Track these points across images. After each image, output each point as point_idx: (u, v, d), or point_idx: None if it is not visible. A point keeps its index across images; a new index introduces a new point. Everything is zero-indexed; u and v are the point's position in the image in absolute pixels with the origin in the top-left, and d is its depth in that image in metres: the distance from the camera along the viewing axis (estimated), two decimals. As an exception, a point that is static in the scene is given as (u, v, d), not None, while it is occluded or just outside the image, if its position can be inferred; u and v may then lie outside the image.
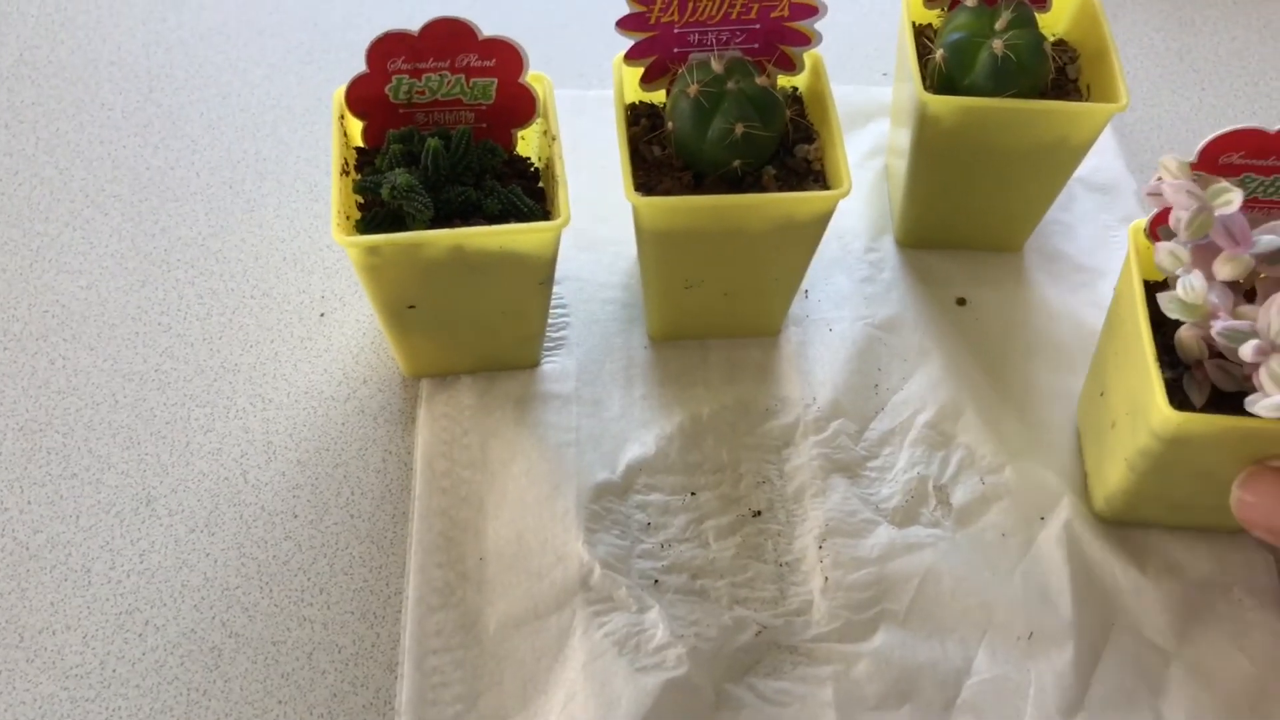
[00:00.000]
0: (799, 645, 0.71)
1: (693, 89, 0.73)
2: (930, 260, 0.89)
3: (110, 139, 0.95)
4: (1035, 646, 0.71)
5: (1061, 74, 0.81)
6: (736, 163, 0.74)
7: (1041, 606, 0.73)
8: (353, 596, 0.73)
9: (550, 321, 0.85)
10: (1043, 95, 0.79)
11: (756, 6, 0.75)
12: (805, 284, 0.87)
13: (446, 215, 0.73)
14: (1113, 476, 0.71)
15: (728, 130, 0.73)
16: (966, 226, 0.88)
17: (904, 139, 0.84)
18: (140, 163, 0.94)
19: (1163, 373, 0.65)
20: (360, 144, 0.77)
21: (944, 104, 0.76)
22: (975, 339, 0.85)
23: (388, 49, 0.73)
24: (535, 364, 0.83)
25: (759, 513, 0.76)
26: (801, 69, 0.79)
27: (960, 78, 0.77)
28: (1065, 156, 0.79)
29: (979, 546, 0.75)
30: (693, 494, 0.77)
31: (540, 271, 0.74)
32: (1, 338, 0.83)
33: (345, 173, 0.74)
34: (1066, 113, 0.76)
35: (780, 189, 0.75)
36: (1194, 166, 0.66)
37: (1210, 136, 0.66)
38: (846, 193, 0.73)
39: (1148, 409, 0.64)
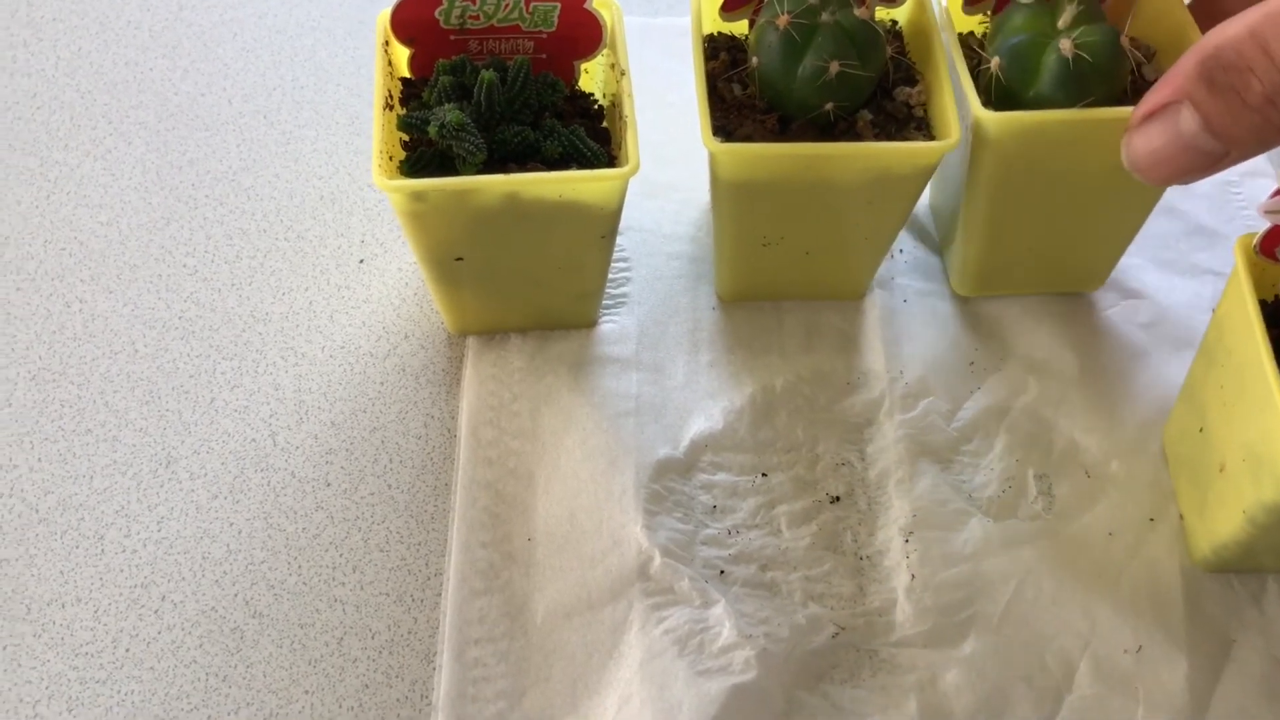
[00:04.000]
0: (880, 650, 0.64)
1: (782, 20, 0.64)
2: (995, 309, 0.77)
3: (136, 60, 0.88)
4: (1144, 662, 0.64)
5: (1138, 76, 0.67)
6: (829, 106, 0.65)
7: (1152, 617, 0.65)
8: (388, 576, 0.66)
9: (610, 277, 0.77)
10: (1121, 102, 0.66)
11: (857, -72, 0.66)
12: (896, 243, 0.78)
13: (500, 158, 0.65)
14: (1224, 528, 0.63)
15: (821, 68, 0.64)
16: (1037, 269, 0.75)
17: (952, 184, 0.73)
18: (168, 87, 0.86)
19: None
20: (407, 74, 0.69)
21: (1008, 123, 0.63)
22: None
23: (439, -34, 0.65)
24: (592, 323, 0.75)
25: (837, 499, 0.69)
26: (904, 0, 0.69)
27: (1023, 89, 0.64)
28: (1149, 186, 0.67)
29: (1083, 547, 0.67)
30: (764, 475, 0.69)
31: (603, 224, 0.66)
32: (15, 276, 0.76)
33: (389, 107, 0.66)
34: None
35: (878, 137, 0.66)
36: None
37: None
38: (955, 144, 0.64)
39: (1275, 460, 0.56)
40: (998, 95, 0.66)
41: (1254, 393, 0.58)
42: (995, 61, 0.65)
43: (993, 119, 0.64)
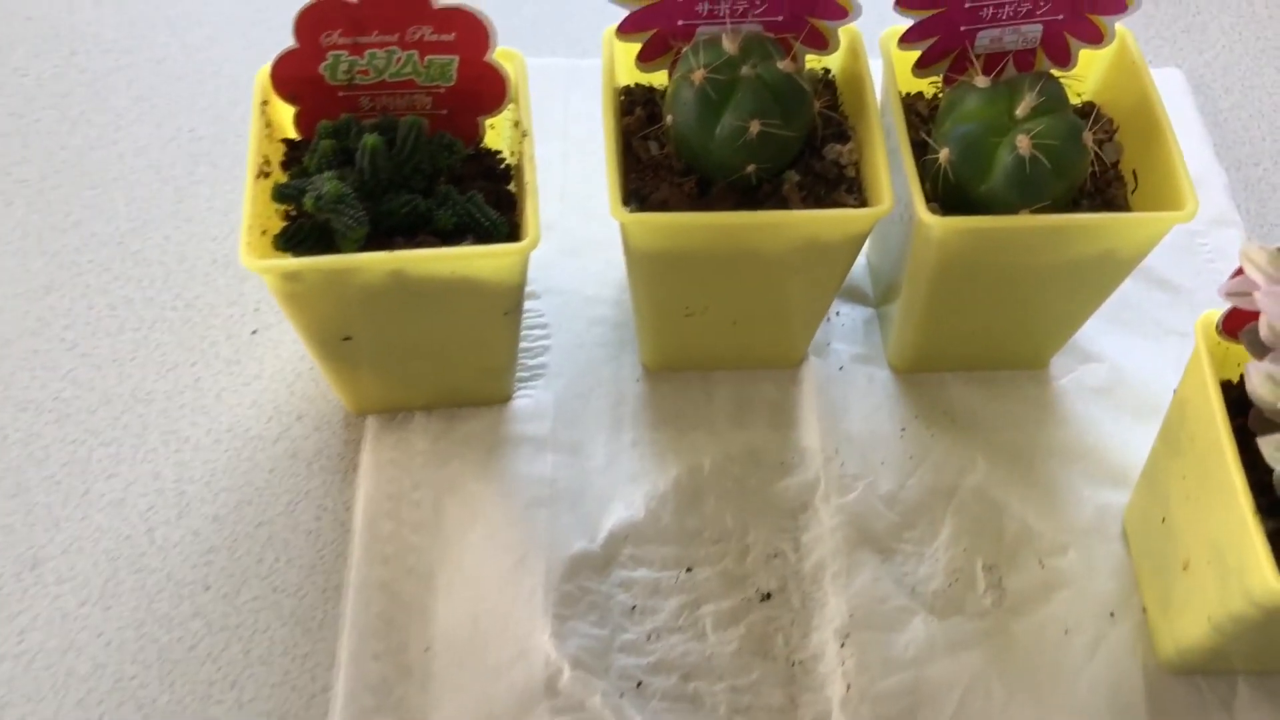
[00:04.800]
0: (812, 770, 0.58)
1: (697, 75, 0.58)
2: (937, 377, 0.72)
3: (22, 111, 0.82)
4: (1105, 775, 0.58)
5: (1097, 160, 0.62)
6: (751, 168, 0.59)
7: (1113, 724, 0.59)
8: (270, 693, 0.60)
9: (525, 346, 0.71)
10: (1080, 193, 0.61)
11: (781, -30, 0.60)
12: (831, 305, 0.73)
13: (387, 230, 0.59)
14: (1190, 630, 0.57)
15: (741, 128, 0.58)
16: (980, 350, 0.70)
17: (892, 250, 0.67)
18: (55, 141, 0.80)
19: (1261, 521, 0.50)
20: (294, 135, 0.63)
21: (955, 227, 0.58)
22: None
23: (321, 19, 0.59)
24: (506, 399, 0.69)
25: (768, 595, 0.63)
26: (836, 47, 0.64)
27: (973, 184, 0.59)
28: (1112, 270, 0.63)
29: (1037, 646, 0.61)
30: (689, 570, 0.63)
31: (505, 300, 0.60)
32: (-126, 354, 0.70)
33: (265, 174, 0.60)
34: (1114, 226, 0.59)
35: (805, 200, 0.60)
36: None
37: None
38: (888, 211, 0.58)
39: (1243, 570, 0.50)
40: (945, 189, 0.60)
41: (1217, 488, 0.53)
42: (944, 153, 0.59)
43: (938, 224, 0.58)
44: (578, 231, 0.76)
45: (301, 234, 0.58)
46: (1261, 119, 0.84)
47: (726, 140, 0.59)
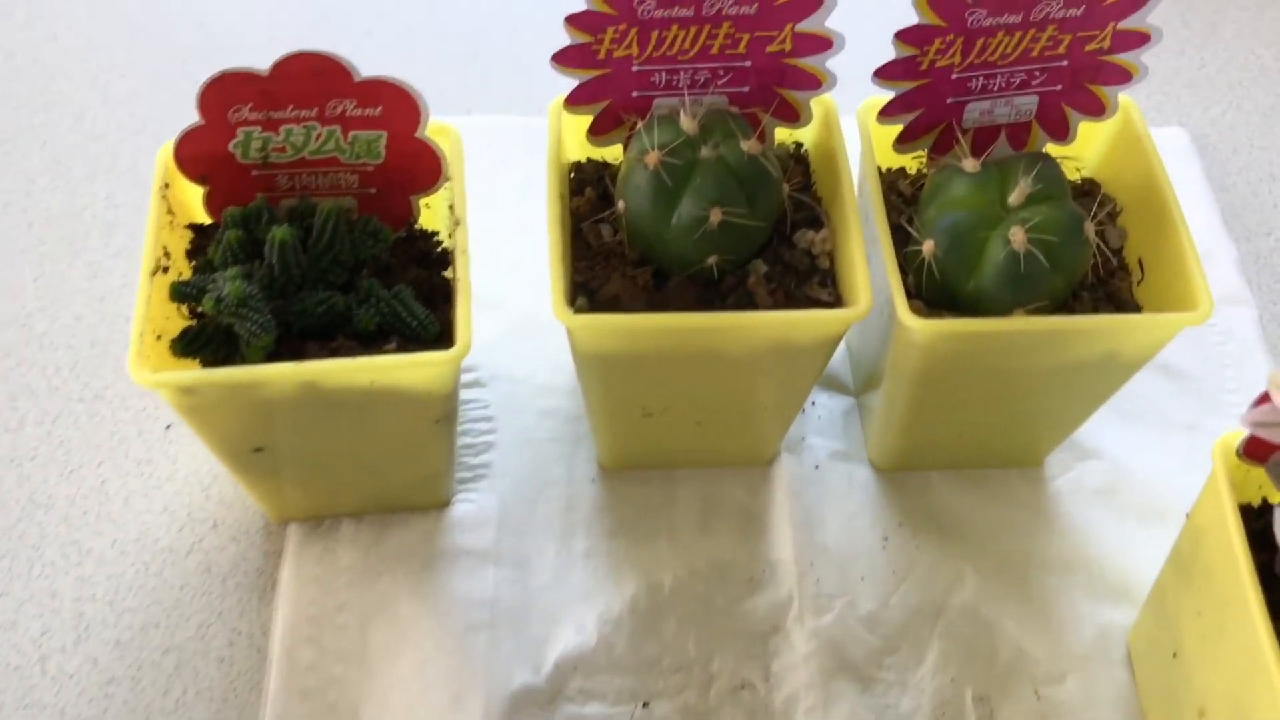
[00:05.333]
0: None
1: (651, 158, 0.52)
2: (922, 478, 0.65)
3: (-75, 174, 0.75)
4: None
5: (1101, 248, 0.55)
6: (712, 259, 0.53)
7: None
8: None
9: (467, 442, 0.64)
10: (1080, 285, 0.55)
11: (747, 38, 0.54)
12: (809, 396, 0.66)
13: (302, 332, 0.52)
14: None
15: (700, 218, 0.52)
16: (968, 449, 0.63)
17: (872, 339, 0.60)
18: (-41, 207, 0.73)
19: None
20: (206, 217, 0.56)
21: (940, 332, 0.51)
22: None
23: (228, 93, 0.53)
24: (443, 504, 0.62)
25: (734, 734, 0.56)
26: (808, 120, 0.57)
27: (960, 280, 0.52)
28: (1114, 372, 0.56)
29: (1035, 793, 0.55)
30: (645, 705, 0.57)
31: (434, 409, 0.53)
32: None
33: (162, 269, 0.53)
34: (1118, 329, 0.53)
35: (774, 293, 0.54)
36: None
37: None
38: (864, 313, 0.51)
39: None
40: (929, 283, 0.53)
41: (1238, 634, 0.46)
42: (929, 246, 0.52)
43: (922, 327, 0.51)
44: (532, 309, 0.69)
45: (203, 338, 0.51)
46: (1273, 183, 0.77)
47: (684, 230, 0.52)
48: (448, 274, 0.57)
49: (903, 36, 0.54)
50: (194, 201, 0.56)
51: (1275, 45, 0.84)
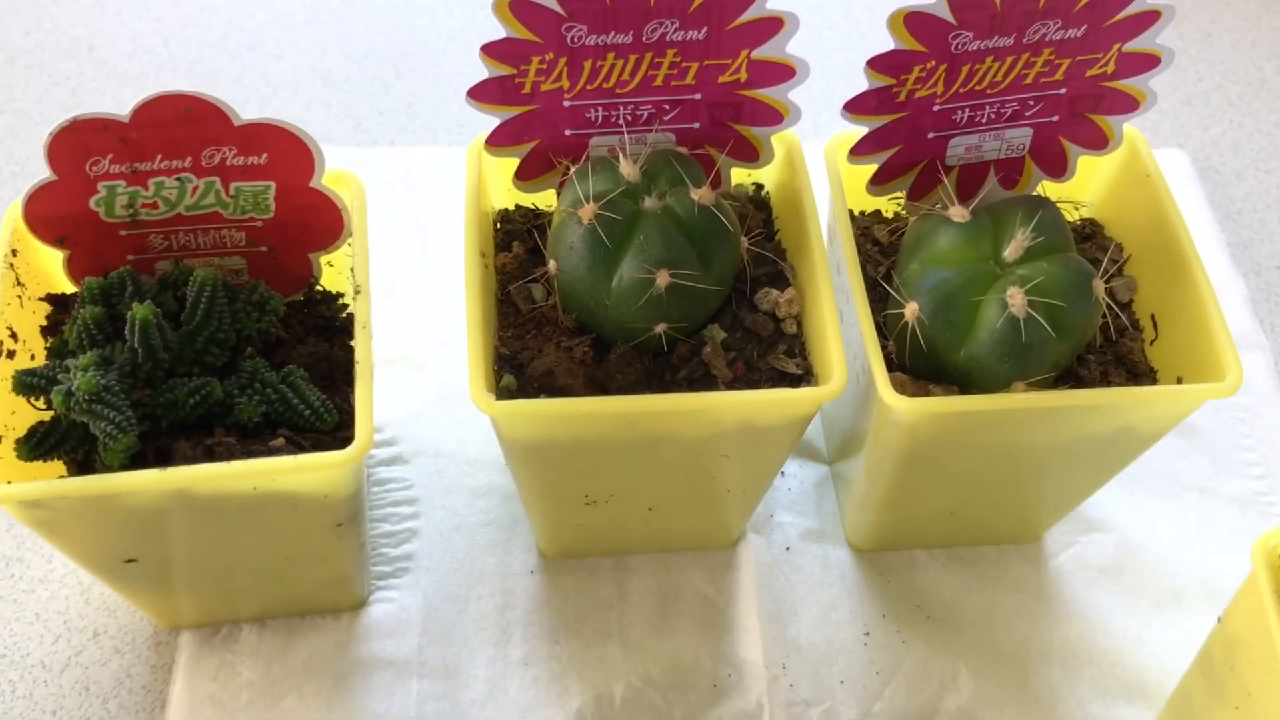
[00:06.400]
0: None
1: (586, 211, 0.44)
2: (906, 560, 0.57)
3: None
4: None
5: (1110, 305, 0.46)
6: (660, 328, 0.45)
7: None
8: None
9: (386, 530, 0.56)
10: (1087, 348, 0.48)
11: (695, 67, 0.47)
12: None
13: (173, 426, 0.44)
14: None
15: (644, 281, 0.44)
16: (958, 528, 0.56)
17: (847, 402, 0.52)
18: None
19: None
20: (65, 287, 0.48)
21: (927, 412, 0.44)
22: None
23: (81, 145, 0.45)
24: (358, 605, 0.54)
25: None
26: (769, 159, 0.50)
27: (950, 347, 0.45)
28: (1127, 447, 0.49)
29: None
30: (593, 844, 0.49)
31: (334, 513, 0.45)
32: None
33: (8, 354, 0.45)
34: (1134, 404, 0.46)
35: (733, 365, 0.46)
36: None
37: None
38: (839, 391, 0.44)
39: None
40: (913, 350, 0.46)
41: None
42: (912, 309, 0.45)
43: (907, 408, 0.44)
44: (459, 374, 0.61)
45: (54, 436, 0.43)
46: (1281, 209, 0.70)
47: (627, 295, 0.44)
48: (354, 342, 0.49)
49: (876, 64, 0.46)
50: (54, 267, 0.48)
51: (1277, 57, 0.77)
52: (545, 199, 0.52)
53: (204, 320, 0.44)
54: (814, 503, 0.59)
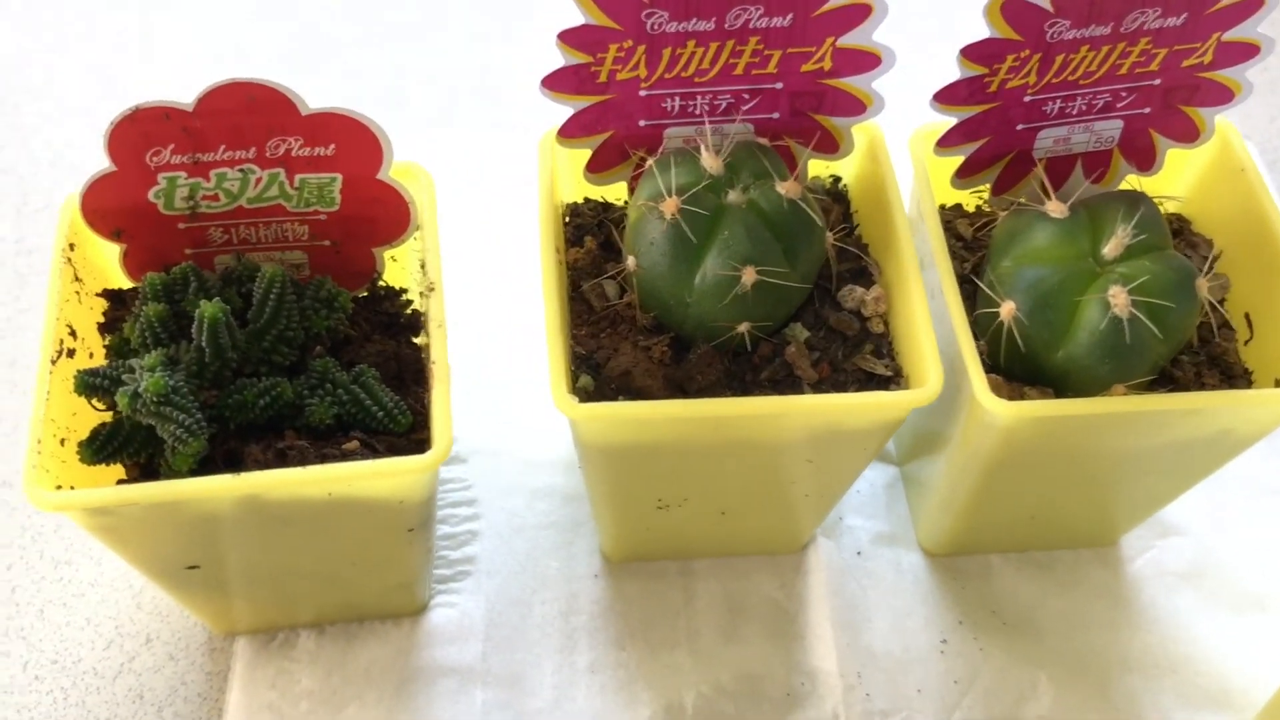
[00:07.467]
0: None
1: (669, 205, 0.42)
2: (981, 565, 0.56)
3: None
4: None
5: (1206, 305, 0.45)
6: (744, 327, 0.43)
7: None
8: None
9: (446, 531, 0.55)
10: (1182, 355, 0.46)
11: (778, 55, 0.45)
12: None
13: (241, 429, 0.42)
14: None
15: (729, 279, 0.42)
16: (1037, 531, 0.54)
17: (925, 418, 0.51)
18: None
19: None
20: (123, 282, 0.47)
21: (1028, 416, 0.43)
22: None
23: (144, 134, 0.43)
24: (418, 610, 0.52)
25: None
26: (849, 150, 0.48)
27: (1048, 347, 0.43)
28: (1222, 450, 0.47)
29: None
30: None
31: (408, 518, 0.44)
32: None
33: (68, 352, 0.43)
34: (1236, 407, 0.44)
35: (817, 364, 0.45)
36: None
37: None
38: (934, 395, 0.42)
39: None
40: (1009, 348, 0.44)
41: None
42: (1008, 308, 0.43)
43: (1005, 411, 0.42)
44: (518, 368, 0.59)
45: (118, 439, 0.41)
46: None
47: (711, 293, 0.43)
48: (419, 340, 0.47)
49: (970, 53, 0.44)
50: (109, 262, 0.46)
51: (1343, 45, 0.75)
52: (614, 192, 0.50)
53: (272, 318, 0.43)
54: (884, 505, 0.57)
